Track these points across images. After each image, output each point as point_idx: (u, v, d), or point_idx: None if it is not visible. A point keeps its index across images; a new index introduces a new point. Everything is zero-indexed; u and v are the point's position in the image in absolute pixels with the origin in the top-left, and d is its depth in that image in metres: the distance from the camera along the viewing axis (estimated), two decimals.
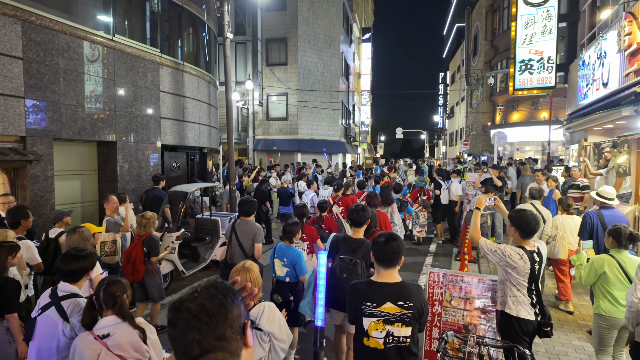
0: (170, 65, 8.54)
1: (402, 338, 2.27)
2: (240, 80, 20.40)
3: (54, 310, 2.43)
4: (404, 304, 2.25)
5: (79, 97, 6.43)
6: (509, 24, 21.91)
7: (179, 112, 8.85)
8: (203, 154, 11.54)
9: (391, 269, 2.33)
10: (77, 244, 3.40)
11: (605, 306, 3.25)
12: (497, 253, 2.97)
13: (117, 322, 2.25)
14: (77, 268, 2.55)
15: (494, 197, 3.46)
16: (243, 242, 4.24)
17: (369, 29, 38.09)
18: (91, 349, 2.15)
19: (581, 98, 8.60)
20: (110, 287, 2.29)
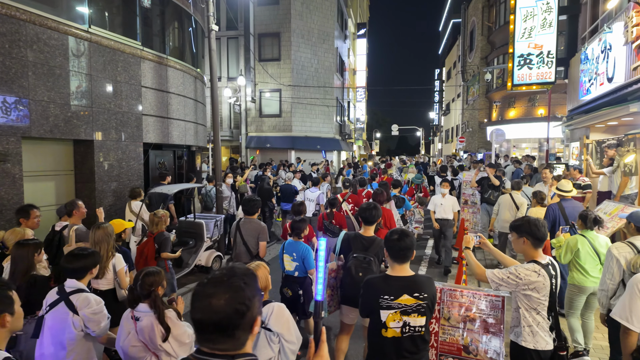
0: (153, 59, 8.10)
1: (418, 327, 2.41)
2: (232, 76, 19.95)
3: (63, 305, 2.55)
4: (420, 295, 2.40)
5: (50, 92, 5.99)
6: (506, 19, 21.59)
7: (162, 109, 8.41)
8: (191, 152, 11.12)
9: (405, 263, 2.48)
10: (101, 239, 3.58)
11: (578, 277, 4.02)
12: (510, 280, 2.57)
13: (148, 311, 2.48)
14: (78, 266, 2.68)
15: (478, 235, 3.11)
16: (248, 241, 4.28)
17: (364, 24, 37.63)
18: (128, 325, 2.50)
19: (583, 94, 8.26)
20: (145, 279, 2.51)
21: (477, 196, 8.89)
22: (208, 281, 1.12)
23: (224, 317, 1.06)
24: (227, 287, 1.08)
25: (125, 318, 2.52)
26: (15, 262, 3.08)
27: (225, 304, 1.06)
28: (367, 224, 3.60)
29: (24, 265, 3.05)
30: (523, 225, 2.63)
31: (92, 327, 2.57)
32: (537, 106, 20.28)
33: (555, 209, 5.22)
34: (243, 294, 1.09)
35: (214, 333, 1.07)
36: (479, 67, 24.52)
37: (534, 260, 2.61)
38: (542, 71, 10.54)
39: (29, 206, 4.16)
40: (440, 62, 51.66)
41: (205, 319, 1.06)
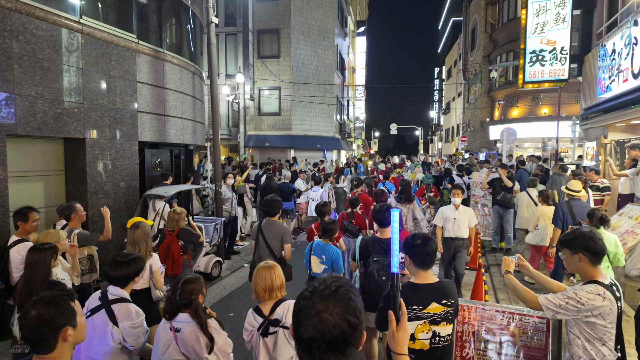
0: (149, 54, 7.68)
1: (447, 336, 2.31)
2: (231, 74, 19.50)
3: (103, 313, 2.44)
4: (447, 301, 2.29)
5: (38, 87, 5.57)
6: (509, 16, 21.26)
7: (159, 106, 8.00)
8: (189, 151, 10.70)
9: (430, 269, 2.35)
10: (140, 238, 3.58)
11: None
12: (570, 306, 2.17)
13: (189, 321, 2.35)
14: (122, 275, 2.57)
15: (517, 256, 2.71)
16: (271, 244, 4.15)
17: (363, 22, 37.27)
18: (165, 336, 2.35)
19: (602, 91, 7.91)
20: (185, 287, 2.36)
21: (488, 198, 8.54)
22: (312, 294, 1.04)
23: (338, 333, 0.98)
24: (337, 300, 1.02)
25: (162, 330, 2.40)
26: (32, 268, 2.92)
27: (339, 318, 0.99)
28: (382, 227, 3.49)
29: (41, 272, 2.91)
30: (577, 239, 2.24)
31: (130, 341, 2.46)
32: (541, 105, 19.97)
33: (564, 208, 5.31)
34: (355, 305, 1.03)
35: (327, 352, 0.99)
36: (481, 66, 24.19)
37: (593, 280, 2.22)
38: (555, 68, 10.18)
39: (27, 208, 3.87)
40: (440, 61, 51.34)
41: (318, 337, 0.98)
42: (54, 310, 1.62)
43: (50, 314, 1.60)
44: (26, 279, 2.90)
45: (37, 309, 1.60)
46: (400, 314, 1.36)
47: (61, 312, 1.64)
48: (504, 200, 7.80)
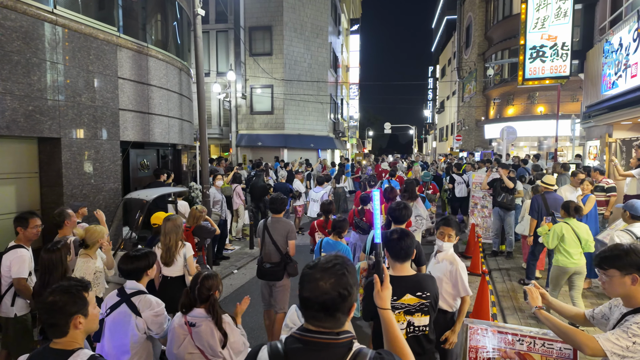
0: (132, 48, 7.24)
1: (422, 327, 2.36)
2: (222, 71, 19.04)
3: (125, 307, 2.51)
4: (422, 294, 2.35)
5: (6, 82, 5.12)
6: (504, 14, 21.03)
7: (142, 103, 7.56)
8: (177, 151, 10.27)
9: (406, 262, 2.43)
10: (171, 229, 3.82)
11: (562, 259, 4.56)
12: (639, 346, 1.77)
13: (205, 316, 2.42)
14: (132, 268, 2.64)
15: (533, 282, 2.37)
16: (277, 240, 4.22)
17: (357, 20, 36.90)
18: (180, 331, 2.41)
19: (607, 88, 7.62)
20: (205, 282, 2.44)
21: (488, 199, 8.23)
22: (315, 266, 1.28)
23: (328, 298, 1.21)
24: (332, 273, 1.24)
25: (177, 324, 2.46)
26: (49, 268, 2.99)
27: (330, 287, 1.21)
28: (397, 223, 3.63)
29: (58, 271, 2.98)
30: (628, 255, 1.83)
31: (154, 329, 2.54)
32: (537, 104, 19.77)
33: (539, 200, 5.87)
34: (346, 281, 1.24)
35: (319, 312, 1.22)
36: (476, 64, 23.96)
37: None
38: (556, 64, 9.86)
39: (28, 214, 3.65)
40: (434, 60, 51.20)
41: (313, 298, 1.22)
42: (67, 298, 1.74)
43: (63, 302, 1.73)
44: (43, 281, 2.96)
45: (53, 296, 1.73)
46: (384, 276, 1.57)
47: (74, 300, 1.75)
48: (504, 201, 7.49)
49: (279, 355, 1.24)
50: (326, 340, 1.23)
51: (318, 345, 1.23)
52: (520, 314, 5.22)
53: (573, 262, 4.49)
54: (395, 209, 3.69)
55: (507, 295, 5.85)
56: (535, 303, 2.18)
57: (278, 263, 4.21)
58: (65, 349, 1.73)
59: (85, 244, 3.51)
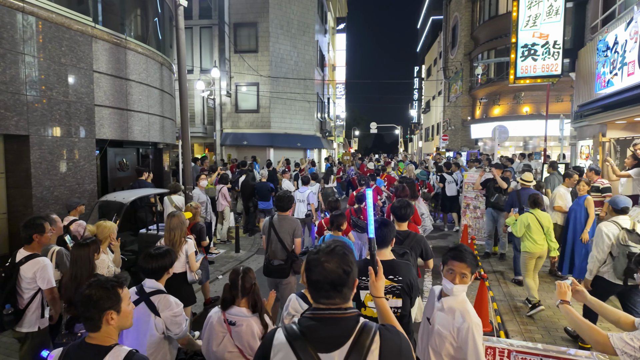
0: (109, 40, 6.80)
1: (394, 308, 2.50)
2: (206, 68, 18.53)
3: (144, 306, 2.47)
4: (394, 277, 2.52)
5: None
6: (490, 14, 21.10)
7: (120, 99, 7.13)
8: (158, 150, 9.83)
9: (383, 249, 2.62)
10: (176, 225, 3.84)
11: (529, 245, 5.14)
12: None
13: (247, 315, 2.41)
14: (156, 267, 2.61)
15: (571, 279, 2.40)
16: (284, 238, 4.22)
17: (343, 19, 36.70)
18: (219, 329, 2.40)
19: (602, 86, 7.52)
20: (247, 274, 2.46)
21: (480, 200, 8.07)
22: (318, 252, 1.43)
23: (336, 276, 1.37)
24: (335, 254, 1.40)
25: (215, 321, 2.43)
26: (77, 264, 2.98)
27: (336, 266, 1.38)
28: (400, 221, 3.68)
29: (86, 267, 2.98)
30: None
31: (173, 330, 2.51)
32: (522, 104, 19.89)
33: (514, 196, 6.45)
34: (348, 259, 1.41)
35: (329, 290, 1.37)
36: (462, 64, 24.02)
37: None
38: (548, 63, 9.78)
39: (41, 218, 3.38)
40: (419, 60, 51.41)
41: (322, 279, 1.37)
42: (101, 293, 1.77)
43: (98, 296, 1.77)
44: (72, 274, 2.97)
45: (90, 290, 1.78)
46: (377, 268, 1.73)
47: (107, 296, 1.78)
48: (497, 202, 7.32)
49: (296, 334, 1.36)
50: (337, 315, 1.38)
51: (330, 320, 1.37)
52: (519, 320, 5.03)
53: (539, 247, 5.11)
54: (399, 207, 3.68)
55: (504, 299, 5.66)
56: (561, 297, 2.22)
57: (285, 261, 4.24)
58: (102, 344, 1.75)
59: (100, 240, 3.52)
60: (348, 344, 1.33)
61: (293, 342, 1.35)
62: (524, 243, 5.18)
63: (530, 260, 5.17)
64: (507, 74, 19.17)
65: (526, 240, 5.16)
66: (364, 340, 1.34)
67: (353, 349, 1.32)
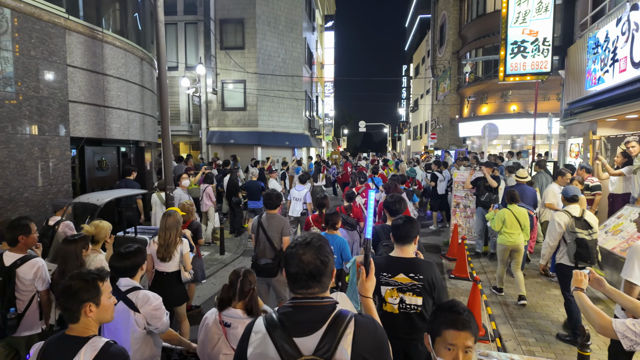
0: (84, 32, 6.46)
1: (414, 305, 2.54)
2: (191, 65, 18.10)
3: (122, 305, 2.47)
4: (415, 276, 2.54)
5: None
6: (478, 12, 21.11)
7: (97, 95, 6.79)
8: (140, 149, 9.47)
9: (406, 246, 2.61)
10: (172, 225, 3.83)
11: (504, 238, 5.42)
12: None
13: (242, 317, 2.37)
14: (129, 265, 2.61)
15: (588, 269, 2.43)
16: (272, 237, 4.20)
17: (331, 16, 36.49)
18: (215, 330, 2.37)
19: (592, 83, 7.45)
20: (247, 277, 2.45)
21: (470, 199, 7.95)
22: (295, 245, 1.47)
23: (313, 267, 1.42)
24: (312, 246, 1.45)
25: (211, 322, 2.40)
26: (65, 260, 3.02)
27: (313, 257, 1.43)
28: (393, 216, 3.67)
29: (74, 263, 3.01)
30: None
31: (154, 324, 2.51)
32: (510, 102, 19.95)
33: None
34: (324, 249, 1.46)
35: (308, 281, 1.42)
36: (450, 62, 24.02)
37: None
38: (537, 60, 9.71)
39: (25, 219, 3.27)
40: (407, 58, 51.54)
41: (300, 271, 1.42)
42: (80, 285, 1.81)
43: (77, 287, 1.80)
44: (60, 270, 3.00)
45: (70, 281, 1.82)
46: (370, 268, 1.77)
47: (87, 288, 1.81)
48: (488, 201, 7.20)
49: (273, 320, 1.42)
50: (313, 303, 1.42)
51: (307, 307, 1.42)
52: (512, 323, 4.89)
53: (511, 241, 5.38)
54: (392, 202, 3.73)
55: (497, 301, 5.52)
56: (576, 284, 2.33)
57: (273, 260, 4.19)
58: (80, 335, 1.78)
59: (94, 240, 3.59)
60: (323, 328, 1.37)
61: (270, 327, 1.40)
62: (500, 237, 5.54)
63: (504, 252, 5.51)
64: (495, 72, 19.20)
65: (503, 234, 5.48)
66: (338, 325, 1.37)
67: (327, 333, 1.36)
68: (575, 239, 4.12)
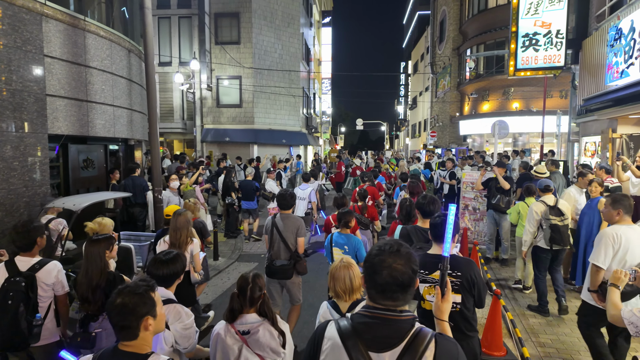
0: (63, 20, 5.92)
1: (453, 303, 2.35)
2: (185, 61, 17.54)
3: None
4: (452, 272, 2.51)
5: None
6: (479, 8, 20.66)
7: (79, 88, 6.25)
8: (129, 147, 8.94)
9: None
10: (182, 225, 3.71)
11: (520, 230, 5.69)
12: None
13: (258, 320, 2.28)
14: (168, 274, 2.49)
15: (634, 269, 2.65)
16: (287, 238, 4.12)
17: (328, 12, 35.91)
18: (233, 342, 2.24)
19: (614, 77, 6.98)
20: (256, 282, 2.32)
21: (480, 201, 7.49)
22: (382, 252, 1.38)
23: (407, 277, 1.35)
24: (402, 254, 1.37)
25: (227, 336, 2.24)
26: (88, 260, 2.89)
27: (406, 267, 1.35)
28: (425, 217, 3.51)
29: (97, 264, 2.87)
30: None
31: (183, 344, 2.38)
32: (512, 100, 19.53)
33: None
34: (414, 258, 1.39)
35: (397, 292, 1.35)
36: (450, 59, 23.57)
37: None
38: (550, 54, 9.21)
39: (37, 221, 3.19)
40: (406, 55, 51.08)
41: (392, 281, 1.33)
42: (136, 300, 1.71)
43: (134, 303, 1.69)
44: (84, 270, 2.87)
45: (122, 298, 1.69)
46: (445, 290, 1.67)
47: (143, 301, 1.72)
48: (499, 204, 6.74)
49: (348, 330, 1.36)
50: (393, 316, 1.36)
51: (386, 320, 1.35)
52: (534, 340, 4.43)
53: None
54: (426, 204, 3.49)
55: (514, 313, 5.06)
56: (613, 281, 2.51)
57: (288, 261, 4.11)
58: (138, 352, 1.70)
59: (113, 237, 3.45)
60: (401, 346, 1.32)
61: (344, 337, 1.35)
62: (517, 229, 5.76)
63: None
64: (497, 69, 18.79)
65: (519, 227, 5.67)
66: (418, 345, 1.31)
67: (406, 351, 1.31)
68: (550, 225, 4.75)
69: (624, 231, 3.23)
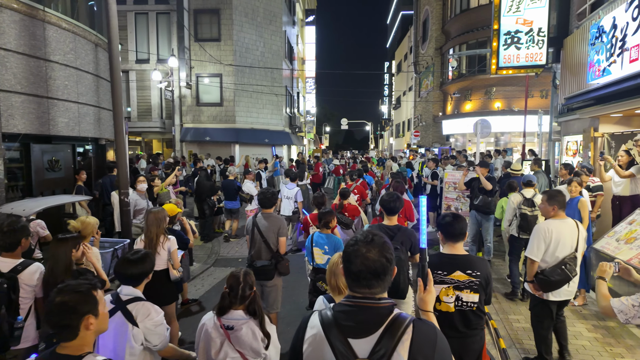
0: (19, 10, 5.49)
1: (470, 303, 2.56)
2: (163, 58, 17.02)
3: (120, 316, 2.33)
4: (472, 272, 2.54)
5: None
6: (462, 7, 20.71)
7: (38, 84, 5.83)
8: (100, 147, 8.51)
9: (459, 242, 2.61)
10: (151, 222, 3.74)
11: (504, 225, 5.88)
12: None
13: (244, 318, 2.30)
14: (136, 273, 2.48)
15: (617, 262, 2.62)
16: (268, 237, 4.05)
17: (312, 11, 35.66)
18: (217, 335, 2.28)
19: (595, 75, 6.92)
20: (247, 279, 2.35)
21: (462, 201, 7.34)
22: (357, 242, 1.42)
23: (379, 265, 1.37)
24: (376, 243, 1.41)
25: (211, 328, 2.28)
26: (55, 258, 2.92)
27: (379, 255, 1.38)
28: (390, 214, 3.61)
29: (63, 262, 2.90)
30: None
31: (153, 341, 2.35)
32: (494, 99, 19.63)
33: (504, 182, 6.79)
34: (388, 246, 1.42)
35: (371, 279, 1.38)
36: (433, 59, 23.59)
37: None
38: (532, 52, 9.16)
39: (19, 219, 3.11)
40: (389, 55, 51.19)
41: (365, 269, 1.37)
42: (78, 298, 1.67)
43: (75, 301, 1.65)
44: (49, 268, 2.89)
45: (62, 296, 1.65)
46: (427, 280, 1.72)
47: (85, 300, 1.68)
48: (483, 205, 6.58)
49: (329, 319, 1.40)
50: (371, 304, 1.39)
51: (364, 307, 1.38)
52: (518, 347, 4.26)
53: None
54: (389, 201, 3.58)
55: (497, 319, 4.90)
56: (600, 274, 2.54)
57: (269, 261, 4.03)
58: (72, 354, 1.63)
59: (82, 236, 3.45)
60: (379, 331, 1.33)
61: (325, 325, 1.39)
62: (502, 223, 5.95)
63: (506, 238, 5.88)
64: (479, 68, 18.85)
65: (504, 220, 5.85)
66: (395, 330, 1.33)
67: (383, 337, 1.32)
68: (520, 214, 5.26)
69: (556, 225, 3.50)
